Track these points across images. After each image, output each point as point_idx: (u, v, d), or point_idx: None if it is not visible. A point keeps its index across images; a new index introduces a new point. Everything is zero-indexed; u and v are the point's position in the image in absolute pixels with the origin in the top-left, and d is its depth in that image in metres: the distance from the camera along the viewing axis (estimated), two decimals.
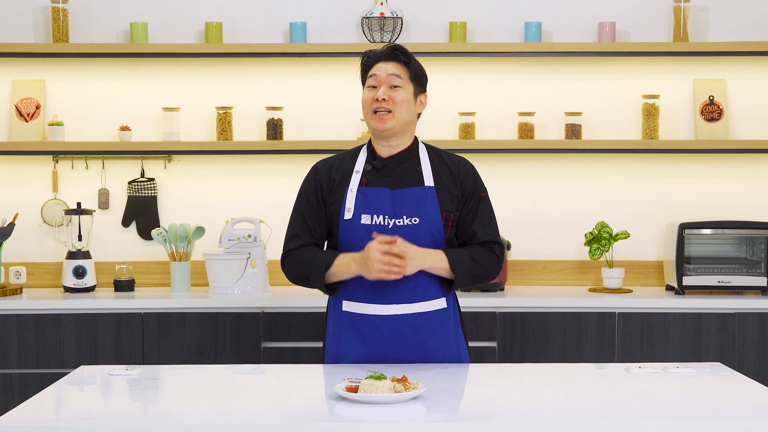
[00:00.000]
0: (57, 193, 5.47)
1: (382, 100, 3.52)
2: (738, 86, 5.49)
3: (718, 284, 5.14)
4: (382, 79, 3.54)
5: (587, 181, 5.53)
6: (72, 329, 4.88)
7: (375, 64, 3.58)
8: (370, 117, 3.56)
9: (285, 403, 3.02)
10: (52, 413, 2.99)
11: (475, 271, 3.54)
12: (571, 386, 3.28)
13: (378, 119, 3.53)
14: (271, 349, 4.90)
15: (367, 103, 3.56)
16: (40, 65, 5.45)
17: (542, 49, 5.30)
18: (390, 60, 3.57)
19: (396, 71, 3.55)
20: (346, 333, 3.56)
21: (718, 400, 3.11)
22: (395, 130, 3.55)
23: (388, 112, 3.52)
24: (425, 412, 2.87)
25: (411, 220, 3.52)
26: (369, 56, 3.61)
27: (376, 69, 3.56)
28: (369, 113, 3.56)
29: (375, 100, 3.53)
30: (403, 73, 3.56)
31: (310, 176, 3.66)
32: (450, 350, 3.59)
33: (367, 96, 3.57)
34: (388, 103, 3.52)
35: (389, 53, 3.57)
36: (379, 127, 3.54)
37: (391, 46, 3.59)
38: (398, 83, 3.54)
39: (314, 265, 3.52)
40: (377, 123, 3.54)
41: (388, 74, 3.54)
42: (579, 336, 4.92)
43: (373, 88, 3.56)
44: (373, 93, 3.55)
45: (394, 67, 3.55)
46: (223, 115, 5.36)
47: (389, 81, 3.54)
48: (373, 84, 3.56)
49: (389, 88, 3.54)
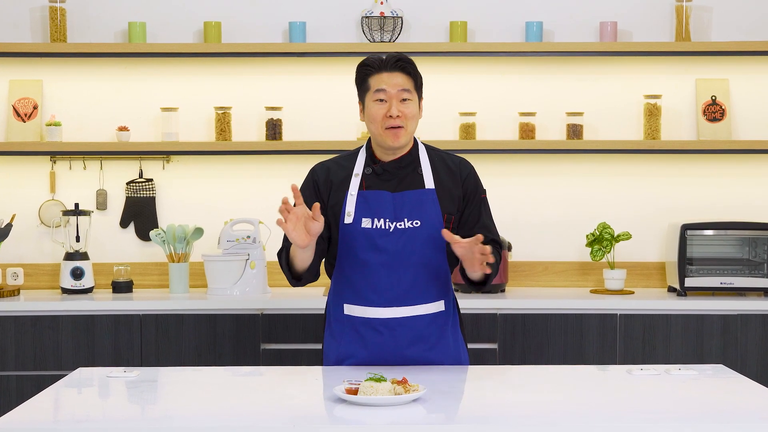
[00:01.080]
0: (55, 193, 5.47)
1: (396, 117, 3.47)
2: (740, 86, 5.48)
3: (720, 286, 5.13)
4: (392, 94, 3.48)
5: (589, 182, 5.52)
6: (70, 331, 4.88)
7: (377, 74, 3.50)
8: (382, 133, 3.49)
9: (284, 406, 3.02)
10: (50, 416, 2.98)
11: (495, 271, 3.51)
12: (572, 388, 3.27)
13: (393, 136, 3.48)
14: (270, 351, 4.89)
15: (378, 119, 3.48)
16: (37, 65, 5.44)
17: (543, 48, 5.29)
18: (396, 71, 3.50)
19: (405, 85, 3.49)
20: (346, 335, 3.54)
21: (720, 402, 3.10)
22: (405, 143, 3.53)
23: (400, 127, 3.48)
24: (425, 414, 2.87)
25: (412, 223, 3.50)
26: (370, 65, 3.52)
27: (383, 82, 3.48)
28: (380, 129, 3.49)
29: (387, 117, 3.47)
30: (409, 85, 3.51)
31: (308, 179, 3.63)
32: (449, 352, 3.57)
33: (377, 111, 3.49)
34: (401, 118, 3.47)
35: (394, 64, 3.50)
36: (394, 144, 3.50)
37: (395, 57, 3.51)
38: (407, 96, 3.49)
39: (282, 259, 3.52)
40: (392, 140, 3.49)
41: (399, 90, 3.48)
42: (580, 338, 4.90)
43: (382, 102, 3.49)
44: (384, 108, 3.48)
45: (403, 79, 3.49)
46: (221, 115, 5.35)
47: (399, 96, 3.48)
48: (382, 98, 3.49)
49: (399, 102, 3.48)
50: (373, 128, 3.51)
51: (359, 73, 3.56)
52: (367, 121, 3.53)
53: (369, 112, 3.51)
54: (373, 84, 3.50)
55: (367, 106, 3.52)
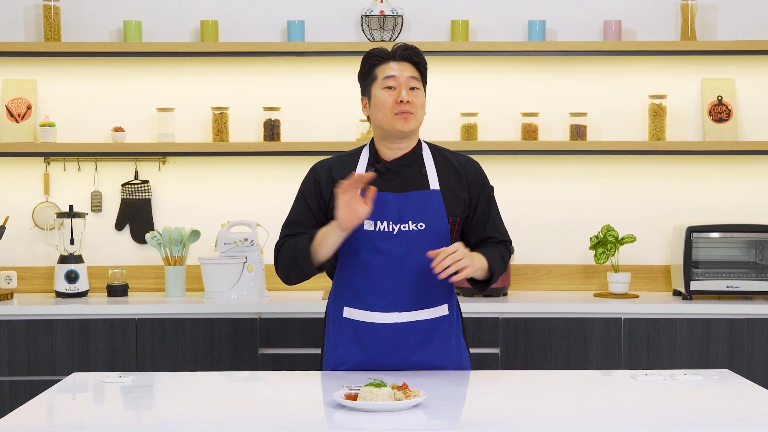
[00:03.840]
0: (49, 195, 5.46)
1: (407, 102, 3.46)
2: (747, 86, 5.48)
3: (726, 289, 5.11)
4: (402, 81, 3.48)
5: (592, 184, 5.51)
6: (64, 335, 4.88)
7: (385, 63, 3.50)
8: (392, 118, 3.48)
9: (282, 411, 3.03)
10: (44, 421, 2.99)
11: (502, 270, 3.53)
12: (576, 394, 3.27)
13: (403, 120, 3.47)
14: (268, 355, 4.88)
15: (387, 105, 3.47)
16: (31, 64, 5.44)
17: (546, 48, 5.30)
18: (404, 60, 3.50)
19: (414, 73, 3.50)
20: (346, 339, 3.52)
21: (726, 408, 3.10)
22: (412, 132, 3.52)
23: (411, 113, 3.47)
24: (426, 420, 2.86)
25: (417, 225, 3.47)
26: (379, 55, 3.52)
27: (391, 69, 3.48)
28: (390, 115, 3.48)
29: (398, 102, 3.46)
30: (418, 75, 3.52)
31: (309, 178, 3.60)
32: (452, 357, 3.55)
33: (386, 98, 3.48)
34: (411, 105, 3.47)
35: (403, 54, 3.51)
36: (404, 128, 3.48)
37: (403, 47, 3.52)
38: (416, 85, 3.50)
39: (300, 244, 3.47)
40: (402, 124, 3.47)
41: (408, 77, 3.48)
42: (584, 342, 4.90)
43: (391, 89, 3.48)
44: (394, 94, 3.48)
45: (411, 69, 3.50)
46: (219, 115, 5.34)
47: (408, 84, 3.48)
48: (391, 85, 3.48)
49: (409, 90, 3.48)
50: (381, 116, 3.49)
51: (365, 63, 3.55)
52: (374, 110, 3.51)
53: (377, 100, 3.50)
54: (381, 73, 3.50)
55: (375, 95, 3.51)
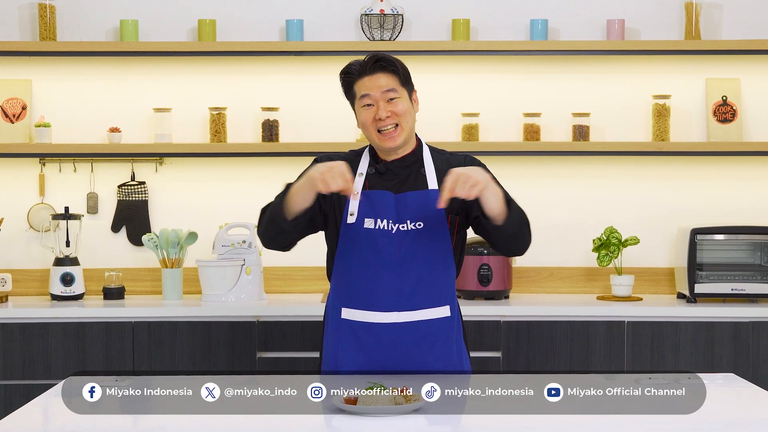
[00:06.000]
0: (44, 197, 5.44)
1: (386, 119, 3.43)
2: (752, 86, 5.46)
3: (731, 292, 5.10)
4: (377, 97, 3.44)
5: (595, 185, 5.49)
6: (59, 338, 4.86)
7: (359, 79, 3.47)
8: (375, 137, 3.46)
9: (281, 416, 3.01)
10: (39, 426, 3.01)
11: (522, 217, 3.45)
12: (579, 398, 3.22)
13: (387, 139, 3.44)
14: (266, 359, 4.87)
15: (368, 124, 3.45)
16: (26, 64, 5.42)
17: (548, 47, 5.28)
18: (376, 72, 3.45)
19: (388, 84, 3.44)
20: (344, 341, 3.49)
21: (731, 412, 3.14)
22: (404, 142, 3.48)
23: (396, 126, 3.44)
24: (427, 425, 2.89)
25: (415, 224, 3.45)
26: (350, 73, 3.49)
27: (365, 87, 3.45)
28: (373, 133, 3.46)
29: (377, 120, 3.43)
30: (394, 83, 3.45)
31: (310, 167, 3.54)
32: (452, 360, 3.52)
33: (366, 116, 3.46)
34: (392, 118, 3.43)
35: (373, 65, 3.46)
36: (390, 146, 3.45)
37: (374, 58, 3.47)
38: (394, 95, 3.45)
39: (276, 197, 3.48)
40: (387, 142, 3.44)
41: (383, 91, 3.44)
42: (587, 346, 4.89)
43: (369, 107, 3.45)
44: (372, 112, 3.44)
45: (386, 79, 3.44)
46: (216, 116, 5.33)
47: (385, 96, 3.44)
48: (368, 102, 3.45)
49: (387, 103, 3.44)
50: (367, 134, 3.49)
51: (343, 82, 3.53)
52: (361, 127, 3.51)
53: (359, 118, 3.50)
54: (358, 90, 3.48)
55: (358, 113, 3.51)
